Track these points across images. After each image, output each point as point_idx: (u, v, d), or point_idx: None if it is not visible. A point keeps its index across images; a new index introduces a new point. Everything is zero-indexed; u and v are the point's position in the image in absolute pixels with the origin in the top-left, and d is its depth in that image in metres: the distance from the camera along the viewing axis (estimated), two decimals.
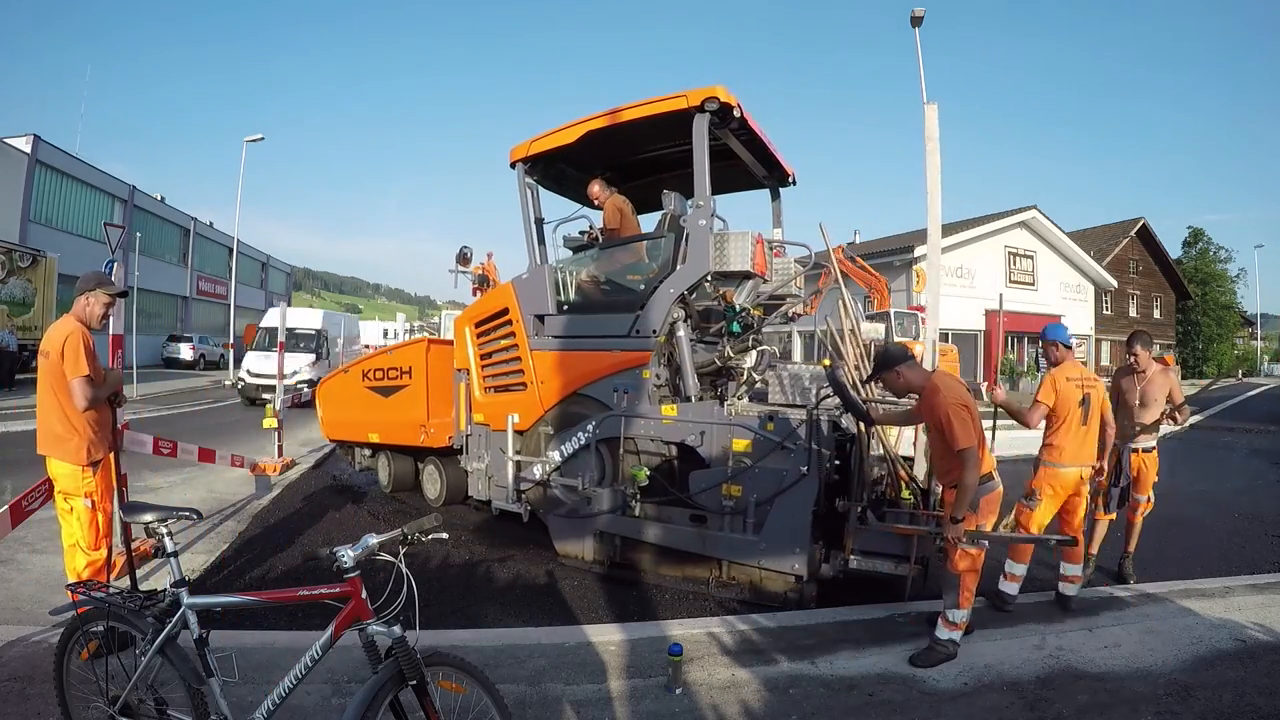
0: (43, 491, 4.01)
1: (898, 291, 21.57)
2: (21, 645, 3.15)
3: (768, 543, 3.96)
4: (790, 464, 3.93)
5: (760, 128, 4.85)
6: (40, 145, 21.74)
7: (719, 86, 4.22)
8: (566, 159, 5.37)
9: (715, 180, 5.79)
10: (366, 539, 1.98)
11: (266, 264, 43.04)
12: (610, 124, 4.63)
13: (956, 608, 3.22)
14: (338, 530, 5.68)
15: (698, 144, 4.29)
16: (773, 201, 5.95)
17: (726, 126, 4.58)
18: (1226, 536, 5.81)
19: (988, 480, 3.26)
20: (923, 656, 3.19)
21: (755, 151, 5.22)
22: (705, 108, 4.22)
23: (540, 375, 4.98)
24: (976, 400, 3.20)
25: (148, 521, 2.20)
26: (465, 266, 6.19)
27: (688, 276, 4.35)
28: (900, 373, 3.39)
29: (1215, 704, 2.83)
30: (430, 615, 3.45)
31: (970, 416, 3.13)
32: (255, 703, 2.00)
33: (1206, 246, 38.39)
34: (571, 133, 4.85)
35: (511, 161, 5.30)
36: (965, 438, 3.08)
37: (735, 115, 4.37)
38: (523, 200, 5.29)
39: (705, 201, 4.29)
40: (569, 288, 5.10)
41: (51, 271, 18.92)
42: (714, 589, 4.25)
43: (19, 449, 8.50)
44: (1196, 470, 9.04)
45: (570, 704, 2.79)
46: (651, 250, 4.92)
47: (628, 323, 4.55)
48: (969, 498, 3.11)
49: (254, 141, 25.53)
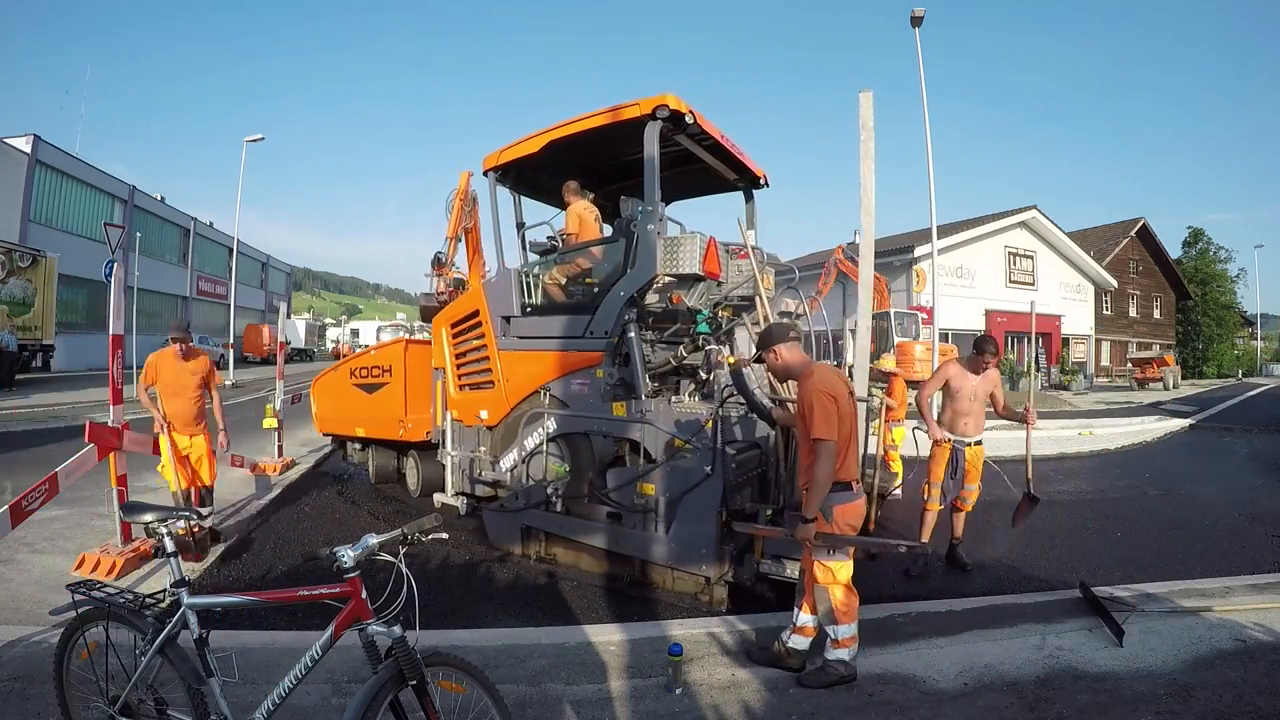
0: (43, 491, 4.01)
1: (898, 291, 21.58)
2: (21, 645, 3.15)
3: (676, 543, 4.02)
4: (695, 464, 3.97)
5: (721, 133, 4.94)
6: (40, 145, 21.74)
7: (669, 94, 4.32)
8: (539, 167, 5.50)
9: (687, 185, 6.01)
10: (366, 539, 1.98)
11: (266, 264, 43.06)
12: (570, 133, 4.78)
13: (834, 624, 2.97)
14: (338, 530, 5.68)
15: (648, 151, 4.40)
16: (746, 204, 6.06)
17: (682, 132, 4.68)
18: (1226, 536, 5.81)
19: (846, 489, 2.98)
20: (812, 676, 2.98)
21: (721, 156, 5.31)
22: (657, 115, 4.33)
23: (506, 374, 5.21)
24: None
25: (148, 521, 2.20)
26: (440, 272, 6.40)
27: (637, 279, 4.48)
28: (778, 353, 3.13)
29: (1215, 704, 2.83)
30: (430, 615, 3.45)
31: (836, 410, 2.88)
32: (255, 703, 2.00)
33: (1206, 246, 38.40)
34: (535, 143, 5.02)
35: (484, 170, 5.53)
36: (824, 428, 2.84)
37: (689, 121, 4.46)
38: (493, 207, 5.55)
39: (654, 207, 4.40)
40: (532, 291, 5.31)
41: (51, 271, 18.94)
42: (628, 587, 4.33)
43: (19, 449, 8.51)
44: (1196, 470, 9.05)
45: (570, 704, 2.79)
46: (607, 255, 5.07)
47: (583, 324, 4.71)
48: (819, 495, 2.87)
49: (254, 141, 25.53)
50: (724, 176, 5.72)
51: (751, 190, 5.98)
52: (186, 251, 32.20)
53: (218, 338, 29.68)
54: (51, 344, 19.28)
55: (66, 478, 4.18)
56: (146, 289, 23.81)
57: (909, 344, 17.35)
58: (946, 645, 3.39)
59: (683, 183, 5.93)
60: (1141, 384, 25.28)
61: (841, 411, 2.91)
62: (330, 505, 6.48)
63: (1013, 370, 23.67)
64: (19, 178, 20.88)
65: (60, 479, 4.13)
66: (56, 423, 10.52)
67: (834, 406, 2.88)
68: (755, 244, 5.74)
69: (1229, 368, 37.51)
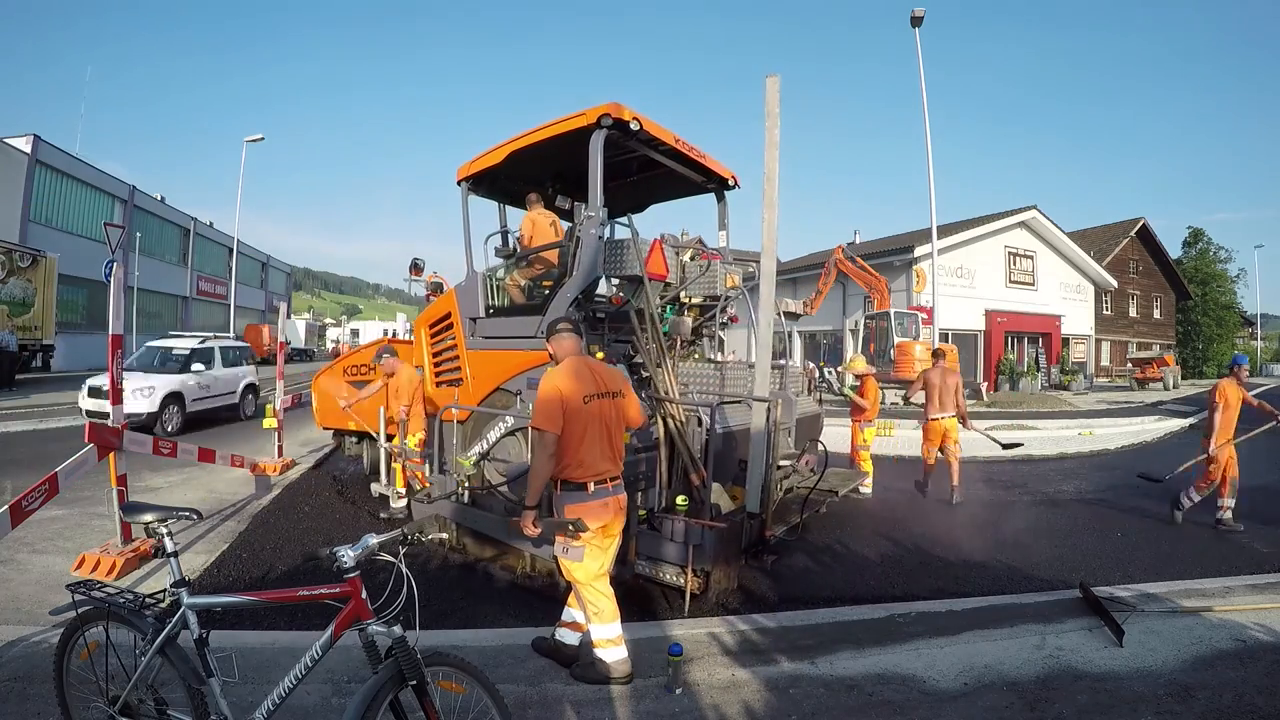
0: (43, 491, 4.01)
1: (898, 291, 21.58)
2: (21, 645, 3.15)
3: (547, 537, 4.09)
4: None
5: (676, 137, 5.07)
6: (40, 145, 21.77)
7: (614, 103, 4.47)
8: (514, 175, 5.72)
9: (661, 189, 6.25)
10: (366, 539, 1.98)
11: (266, 264, 43.08)
12: (529, 144, 5.00)
13: (588, 622, 2.99)
14: (338, 530, 5.69)
15: (593, 158, 4.53)
16: (718, 204, 6.17)
17: (634, 139, 4.81)
18: (1226, 536, 5.82)
19: (579, 490, 2.91)
20: (579, 670, 3.01)
21: (684, 160, 5.40)
22: (601, 124, 4.47)
23: (473, 372, 5.48)
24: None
25: (148, 521, 2.20)
26: (418, 276, 6.53)
27: (580, 282, 4.65)
28: (550, 345, 3.13)
29: (1215, 704, 2.83)
30: (430, 615, 3.45)
31: (561, 405, 2.81)
32: (255, 703, 2.00)
33: (1206, 246, 38.37)
34: (498, 154, 5.25)
35: (457, 180, 5.74)
36: (540, 419, 2.80)
37: (635, 128, 4.59)
38: (464, 214, 5.75)
39: (595, 212, 4.57)
40: (494, 294, 5.61)
41: (51, 271, 18.93)
42: (519, 578, 4.53)
43: (19, 449, 8.51)
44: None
45: (570, 704, 2.79)
46: (560, 258, 5.28)
47: (534, 324, 4.87)
48: (536, 485, 2.86)
49: (254, 141, 25.56)
50: (693, 179, 5.84)
51: (722, 191, 6.09)
52: (186, 251, 32.21)
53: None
54: (51, 344, 19.29)
55: (66, 478, 4.18)
56: (146, 289, 23.87)
57: (909, 344, 17.34)
58: (946, 645, 3.39)
59: (656, 186, 6.18)
60: (1141, 384, 25.28)
61: (569, 408, 2.83)
62: (330, 505, 6.48)
63: (1013, 370, 23.68)
64: (19, 178, 20.91)
65: (60, 479, 4.13)
66: (56, 422, 10.57)
67: (557, 400, 2.82)
68: (726, 244, 5.96)
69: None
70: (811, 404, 6.24)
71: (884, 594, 4.34)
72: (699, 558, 3.85)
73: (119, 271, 4.80)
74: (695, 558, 3.84)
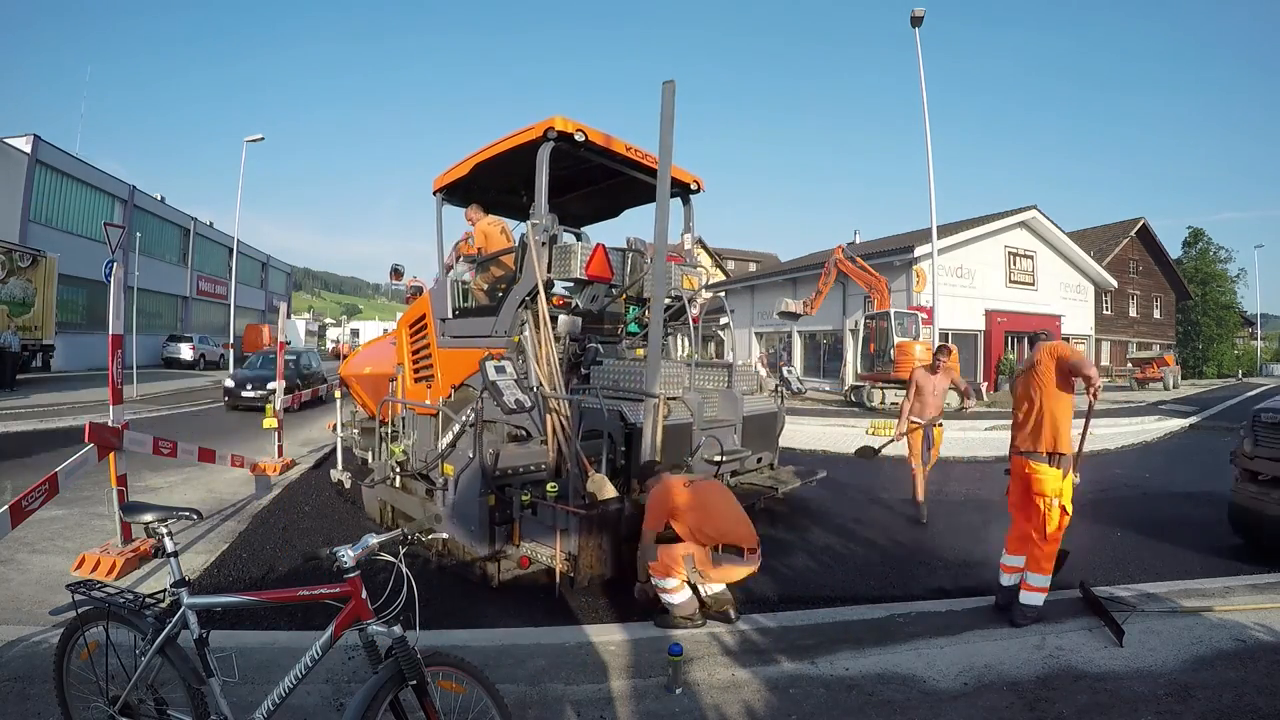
0: (43, 491, 4.01)
1: (898, 291, 21.57)
2: (21, 645, 3.15)
3: (457, 519, 4.42)
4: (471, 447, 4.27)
5: (627, 145, 5.28)
6: (40, 145, 21.73)
7: (557, 116, 4.74)
8: (487, 185, 6.07)
9: (625, 194, 6.58)
10: (366, 539, 1.98)
11: (266, 264, 43.06)
12: (489, 156, 5.34)
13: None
14: (338, 530, 5.68)
15: (539, 169, 4.76)
16: (684, 207, 6.34)
17: (582, 149, 5.03)
18: (1227, 536, 5.81)
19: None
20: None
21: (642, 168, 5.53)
22: (547, 136, 4.74)
23: (442, 368, 5.82)
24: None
25: (148, 521, 2.20)
26: (399, 281, 6.68)
27: (526, 285, 4.97)
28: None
29: (1215, 704, 2.83)
30: (430, 615, 3.43)
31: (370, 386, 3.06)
32: (255, 703, 2.00)
33: (1206, 246, 38.39)
34: (465, 166, 5.62)
35: (433, 191, 6.13)
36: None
37: (580, 139, 4.84)
38: (437, 221, 6.18)
39: (540, 219, 4.84)
40: (459, 296, 5.95)
41: (51, 271, 18.94)
42: (435, 556, 4.75)
43: (19, 449, 8.50)
44: (1197, 470, 9.03)
45: (570, 704, 2.79)
46: (515, 264, 5.52)
47: (490, 325, 5.29)
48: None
49: (254, 141, 25.55)
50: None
51: (686, 195, 6.27)
52: (186, 251, 32.17)
53: (218, 337, 29.70)
54: (51, 344, 19.29)
55: (66, 478, 4.18)
56: (146, 289, 23.80)
57: (909, 344, 17.34)
58: (946, 645, 3.39)
59: (625, 192, 6.46)
60: (1142, 384, 25.29)
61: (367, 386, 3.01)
62: (330, 505, 6.48)
63: (1012, 369, 23.67)
64: (19, 178, 20.86)
65: (60, 479, 4.13)
66: (56, 422, 10.56)
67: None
68: (689, 247, 6.23)
69: (1229, 368, 37.50)
70: (765, 402, 6.39)
71: (884, 594, 4.34)
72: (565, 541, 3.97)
73: (119, 271, 4.80)
74: (562, 541, 3.97)
